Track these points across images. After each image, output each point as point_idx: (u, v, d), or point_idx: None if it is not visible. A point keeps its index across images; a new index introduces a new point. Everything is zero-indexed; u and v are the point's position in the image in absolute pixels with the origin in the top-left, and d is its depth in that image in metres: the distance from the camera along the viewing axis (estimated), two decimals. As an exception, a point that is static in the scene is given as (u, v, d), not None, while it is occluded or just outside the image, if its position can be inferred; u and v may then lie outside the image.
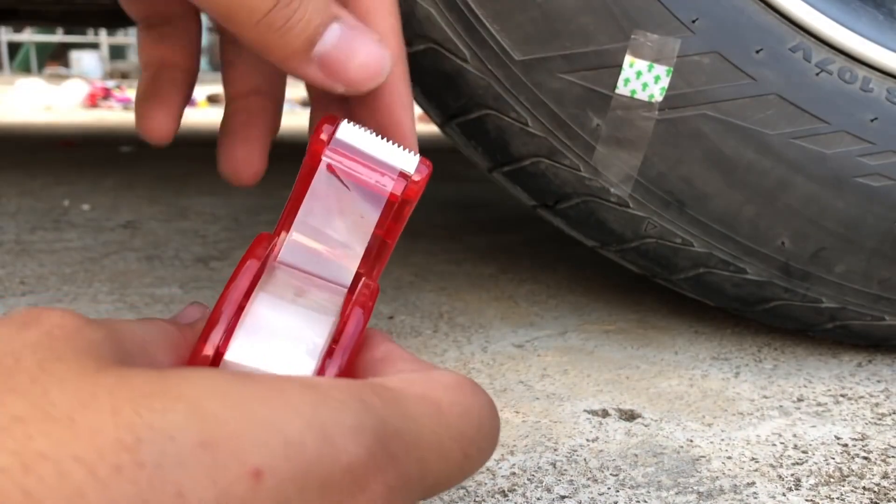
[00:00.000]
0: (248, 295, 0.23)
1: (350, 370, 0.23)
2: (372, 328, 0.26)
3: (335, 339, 0.23)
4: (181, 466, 0.15)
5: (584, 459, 0.43)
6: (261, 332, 0.23)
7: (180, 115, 0.31)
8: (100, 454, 0.15)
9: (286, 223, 0.26)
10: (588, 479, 0.41)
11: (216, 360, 0.22)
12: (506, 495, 0.39)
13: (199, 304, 0.28)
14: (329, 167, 0.25)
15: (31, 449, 0.14)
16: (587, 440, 0.45)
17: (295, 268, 0.25)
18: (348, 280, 0.25)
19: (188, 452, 0.15)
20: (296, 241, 0.25)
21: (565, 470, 0.41)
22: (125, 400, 0.16)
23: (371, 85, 0.26)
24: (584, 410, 0.49)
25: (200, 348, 0.22)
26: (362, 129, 0.25)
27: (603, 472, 0.41)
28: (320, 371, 0.23)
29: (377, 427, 0.18)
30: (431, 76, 0.52)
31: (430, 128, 2.23)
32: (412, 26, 0.50)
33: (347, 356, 0.23)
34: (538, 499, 0.39)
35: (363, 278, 0.26)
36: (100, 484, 0.14)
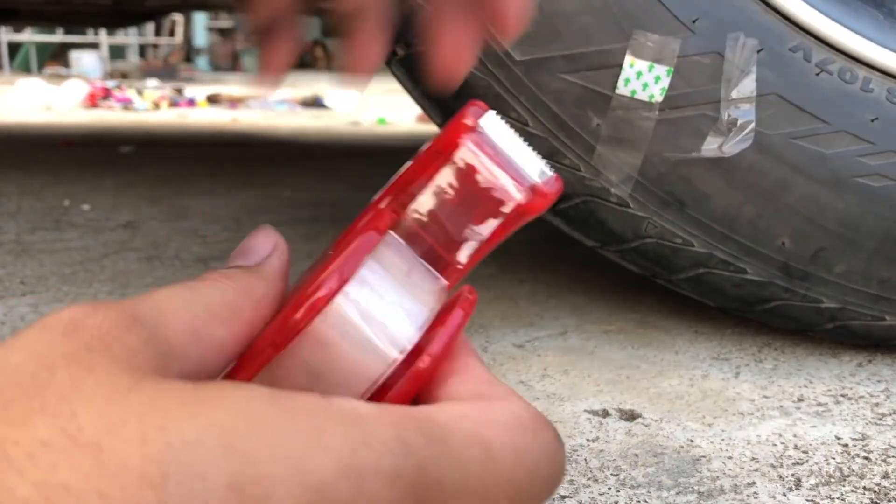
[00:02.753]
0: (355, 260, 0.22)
1: (434, 370, 0.22)
2: (462, 336, 0.24)
3: (428, 331, 0.22)
4: None
5: (585, 459, 0.43)
6: (368, 298, 0.22)
7: None
8: (124, 492, 0.14)
9: (398, 195, 0.24)
10: (588, 478, 0.41)
11: (310, 313, 0.21)
12: (506, 495, 0.39)
13: (267, 231, 0.24)
14: (464, 155, 0.23)
15: (54, 481, 0.14)
16: (587, 440, 0.45)
17: (403, 246, 0.24)
18: (450, 275, 0.24)
19: (216, 495, 0.15)
20: (411, 221, 0.24)
21: (565, 470, 0.41)
22: (155, 427, 0.15)
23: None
24: (585, 410, 0.49)
25: (291, 313, 0.21)
26: (506, 123, 0.24)
27: (603, 471, 0.41)
28: (415, 349, 0.22)
29: (416, 476, 0.17)
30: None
31: (430, 128, 2.23)
32: (412, 26, 0.50)
33: (440, 351, 0.22)
34: (539, 499, 0.39)
35: (457, 276, 0.25)
36: None
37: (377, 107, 3.26)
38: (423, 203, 0.24)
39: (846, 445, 0.45)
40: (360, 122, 2.82)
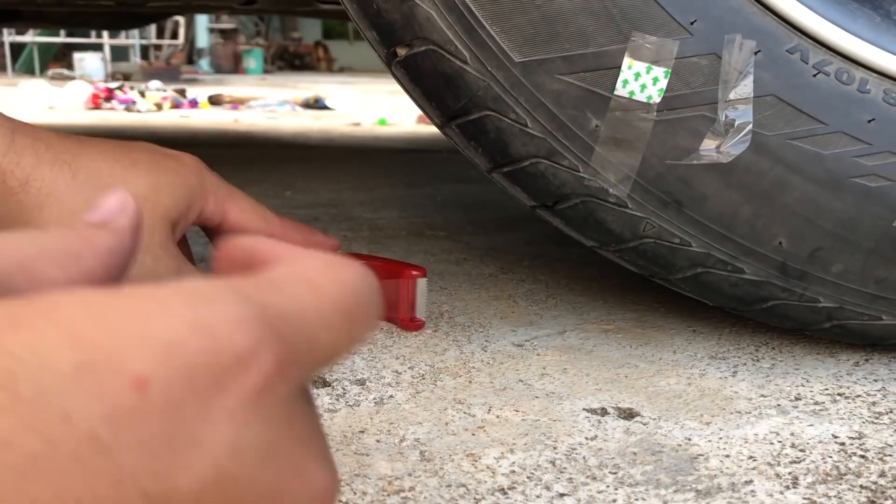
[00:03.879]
0: None
1: None
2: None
3: None
4: (61, 392, 0.15)
5: (583, 458, 0.43)
6: None
7: None
8: None
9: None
10: (587, 477, 0.41)
11: None
12: (505, 493, 0.39)
13: (118, 192, 0.25)
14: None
15: None
16: (586, 438, 0.45)
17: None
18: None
19: (66, 377, 0.15)
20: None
21: (564, 468, 0.42)
22: None
23: None
24: (583, 409, 0.49)
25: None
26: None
27: (602, 470, 0.42)
28: None
29: (260, 314, 0.18)
30: (432, 78, 0.52)
31: (430, 129, 2.23)
32: (412, 28, 0.51)
33: None
34: (537, 496, 0.39)
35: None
36: None
37: (378, 108, 3.26)
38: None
39: (843, 444, 0.46)
40: (361, 122, 2.83)
